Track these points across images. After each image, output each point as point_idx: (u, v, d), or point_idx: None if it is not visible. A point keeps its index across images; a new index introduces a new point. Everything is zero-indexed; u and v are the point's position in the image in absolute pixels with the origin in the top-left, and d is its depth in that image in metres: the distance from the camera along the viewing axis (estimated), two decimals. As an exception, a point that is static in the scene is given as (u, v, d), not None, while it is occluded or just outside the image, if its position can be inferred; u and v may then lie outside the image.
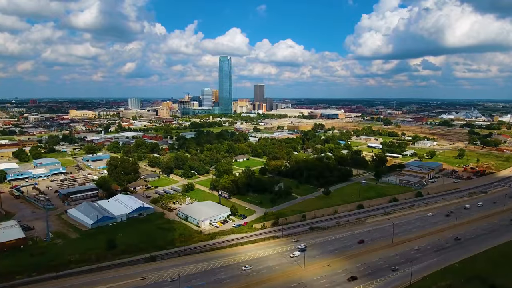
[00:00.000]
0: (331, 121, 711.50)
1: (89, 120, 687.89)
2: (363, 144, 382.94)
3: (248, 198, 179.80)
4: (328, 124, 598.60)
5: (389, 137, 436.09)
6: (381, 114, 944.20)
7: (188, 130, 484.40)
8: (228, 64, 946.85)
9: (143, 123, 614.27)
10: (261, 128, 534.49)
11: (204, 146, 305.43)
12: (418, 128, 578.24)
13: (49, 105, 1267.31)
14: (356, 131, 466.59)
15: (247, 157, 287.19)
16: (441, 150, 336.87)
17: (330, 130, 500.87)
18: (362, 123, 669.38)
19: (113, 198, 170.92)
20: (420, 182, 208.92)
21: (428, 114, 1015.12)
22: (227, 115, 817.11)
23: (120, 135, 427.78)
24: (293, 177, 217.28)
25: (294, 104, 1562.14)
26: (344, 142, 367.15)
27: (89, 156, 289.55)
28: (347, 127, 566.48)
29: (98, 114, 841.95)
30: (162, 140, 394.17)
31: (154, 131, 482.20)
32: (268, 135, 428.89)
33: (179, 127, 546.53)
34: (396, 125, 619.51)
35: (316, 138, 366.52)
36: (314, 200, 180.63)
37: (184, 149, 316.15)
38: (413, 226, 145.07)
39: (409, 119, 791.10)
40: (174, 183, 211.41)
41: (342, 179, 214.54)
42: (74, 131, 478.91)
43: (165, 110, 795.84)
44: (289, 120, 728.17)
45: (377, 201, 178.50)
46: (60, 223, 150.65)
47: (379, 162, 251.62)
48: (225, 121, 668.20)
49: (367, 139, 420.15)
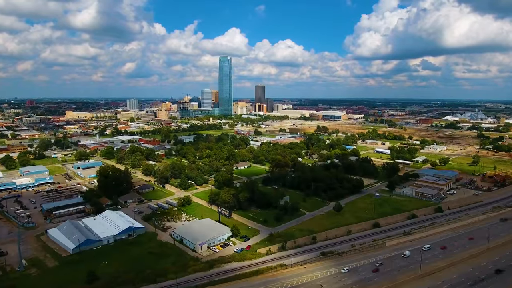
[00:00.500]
0: (333, 123, 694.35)
1: (85, 122, 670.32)
2: (369, 149, 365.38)
3: (251, 215, 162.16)
4: (331, 126, 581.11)
5: (395, 141, 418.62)
6: (384, 116, 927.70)
7: (187, 133, 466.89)
8: (228, 64, 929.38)
9: (141, 125, 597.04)
10: (262, 131, 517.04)
11: (203, 152, 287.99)
12: (424, 131, 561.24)
13: (46, 106, 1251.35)
14: (361, 134, 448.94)
15: (248, 164, 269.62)
16: (453, 156, 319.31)
17: (334, 133, 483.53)
18: (365, 125, 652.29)
19: (101, 215, 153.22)
20: (438, 195, 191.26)
21: (431, 115, 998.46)
22: (227, 117, 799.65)
23: (116, 138, 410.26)
24: (299, 188, 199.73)
25: (295, 105, 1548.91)
26: (351, 147, 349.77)
27: (80, 163, 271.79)
28: (351, 129, 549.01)
29: (95, 116, 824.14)
30: (159, 145, 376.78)
31: (152, 135, 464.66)
32: (270, 139, 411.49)
33: (178, 130, 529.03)
34: (401, 127, 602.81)
35: (321, 143, 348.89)
36: (324, 217, 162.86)
37: (181, 155, 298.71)
38: (439, 250, 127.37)
39: (414, 121, 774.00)
40: (169, 195, 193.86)
41: (352, 191, 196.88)
42: (68, 134, 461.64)
43: (164, 112, 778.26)
44: (290, 122, 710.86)
45: (394, 218, 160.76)
46: (39, 246, 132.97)
47: (391, 171, 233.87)
48: (225, 123, 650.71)
49: (373, 143, 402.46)
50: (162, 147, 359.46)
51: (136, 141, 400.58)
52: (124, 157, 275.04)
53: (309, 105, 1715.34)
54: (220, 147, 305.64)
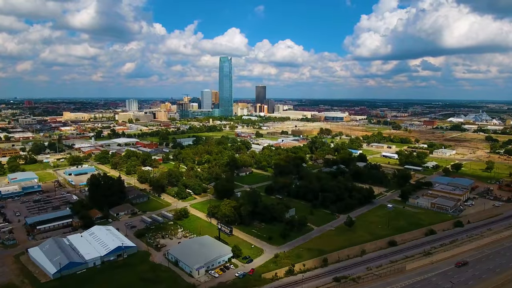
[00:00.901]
0: (336, 124, 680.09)
1: (82, 123, 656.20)
2: (375, 153, 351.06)
3: (254, 230, 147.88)
4: (334, 128, 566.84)
5: (402, 144, 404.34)
6: (387, 117, 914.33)
7: (186, 136, 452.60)
8: (228, 64, 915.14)
9: (139, 127, 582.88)
10: (263, 133, 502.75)
11: (202, 157, 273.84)
12: (430, 133, 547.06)
13: (45, 106, 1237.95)
14: (366, 137, 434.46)
15: (250, 171, 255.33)
16: (464, 161, 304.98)
17: (338, 135, 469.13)
18: (369, 127, 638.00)
19: (89, 231, 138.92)
20: (456, 207, 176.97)
21: (434, 116, 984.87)
22: (227, 118, 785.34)
23: (112, 141, 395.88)
24: (305, 198, 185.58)
25: (296, 106, 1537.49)
26: (356, 151, 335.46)
27: (73, 169, 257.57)
28: (355, 131, 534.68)
29: (93, 117, 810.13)
30: (156, 148, 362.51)
31: (150, 137, 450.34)
32: (271, 142, 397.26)
33: (177, 132, 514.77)
34: (406, 129, 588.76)
35: (325, 147, 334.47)
36: (334, 233, 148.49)
37: (179, 160, 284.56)
38: (466, 275, 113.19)
39: (417, 122, 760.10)
40: (165, 207, 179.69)
41: (363, 201, 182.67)
42: (63, 136, 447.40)
43: (163, 113, 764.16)
44: (292, 124, 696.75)
45: (411, 234, 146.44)
46: (17, 268, 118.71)
47: (403, 179, 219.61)
48: (225, 125, 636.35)
49: (379, 146, 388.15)
50: (159, 151, 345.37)
51: (133, 144, 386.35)
52: (119, 163, 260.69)
53: (310, 105, 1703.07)
54: (220, 151, 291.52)
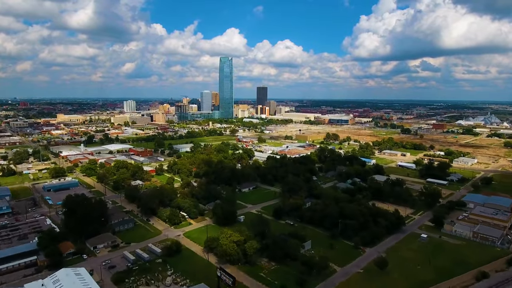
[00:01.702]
0: (341, 128, 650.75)
1: (76, 127, 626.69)
2: (389, 162, 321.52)
3: (262, 274, 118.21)
4: (340, 132, 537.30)
5: (416, 151, 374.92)
6: (392, 119, 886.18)
7: (184, 141, 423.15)
8: (229, 65, 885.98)
9: (135, 130, 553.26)
10: (266, 138, 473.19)
11: (200, 169, 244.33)
12: (441, 138, 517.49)
13: (41, 108, 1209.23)
14: (376, 143, 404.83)
15: (254, 185, 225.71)
16: (490, 172, 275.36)
17: (346, 141, 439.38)
18: (376, 130, 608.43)
19: (52, 277, 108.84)
20: (503, 237, 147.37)
21: (441, 119, 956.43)
22: (228, 121, 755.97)
23: (103, 148, 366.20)
24: (321, 225, 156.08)
25: (298, 107, 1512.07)
26: (370, 160, 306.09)
27: (54, 182, 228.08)
28: (363, 136, 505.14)
29: (88, 119, 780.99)
30: (151, 156, 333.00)
31: (145, 143, 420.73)
32: (275, 148, 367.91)
33: (174, 136, 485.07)
34: (416, 133, 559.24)
35: (335, 156, 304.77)
36: (363, 277, 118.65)
37: (174, 171, 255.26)
38: None
39: (425, 125, 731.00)
40: (154, 236, 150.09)
41: (390, 229, 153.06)
42: (52, 142, 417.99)
43: (161, 115, 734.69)
44: (295, 127, 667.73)
45: (459, 280, 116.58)
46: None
47: (431, 197, 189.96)
48: (226, 128, 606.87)
49: (392, 154, 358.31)
50: (154, 159, 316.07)
51: (126, 151, 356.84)
52: (106, 176, 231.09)
53: (311, 106, 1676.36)
54: (220, 161, 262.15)
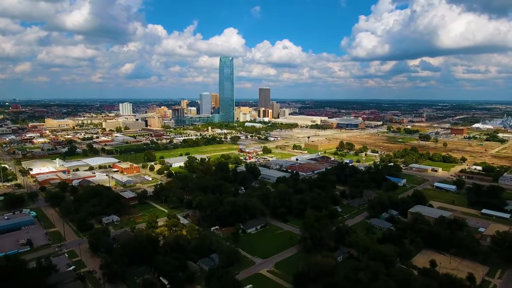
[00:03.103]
0: (352, 133, 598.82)
1: (64, 133, 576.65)
2: (420, 181, 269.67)
3: None
4: (353, 139, 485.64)
5: (447, 165, 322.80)
6: (403, 123, 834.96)
7: (178, 153, 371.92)
8: (229, 65, 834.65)
9: (126, 138, 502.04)
10: (272, 147, 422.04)
11: (194, 198, 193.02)
12: (466, 145, 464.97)
13: (33, 111, 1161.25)
14: (398, 154, 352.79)
15: (262, 223, 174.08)
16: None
17: (362, 151, 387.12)
18: (391, 137, 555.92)
19: None
20: None
21: (455, 121, 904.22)
22: (228, 125, 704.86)
23: (84, 162, 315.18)
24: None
25: (301, 108, 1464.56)
26: (399, 180, 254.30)
27: (7, 217, 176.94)
28: (380, 144, 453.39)
29: (80, 123, 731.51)
30: (137, 174, 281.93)
31: (134, 154, 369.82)
32: (284, 162, 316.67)
33: (168, 146, 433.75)
34: (436, 140, 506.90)
35: (358, 175, 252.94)
36: None
37: (161, 200, 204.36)
38: None
39: (441, 129, 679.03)
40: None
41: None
42: (28, 153, 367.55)
43: (157, 119, 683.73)
44: (301, 132, 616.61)
45: None
46: None
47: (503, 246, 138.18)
48: (227, 135, 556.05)
49: (421, 170, 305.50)
50: (140, 179, 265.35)
51: (110, 166, 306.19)
52: (71, 210, 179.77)
53: (314, 107, 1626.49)
54: (219, 186, 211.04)
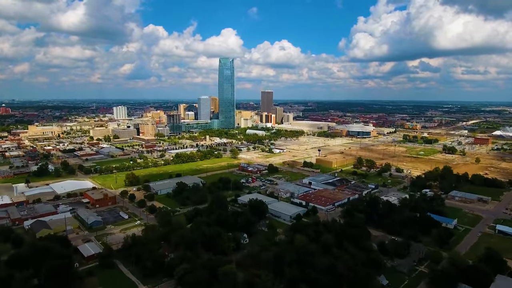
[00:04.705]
0: (365, 144, 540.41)
1: (46, 142, 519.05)
2: (473, 220, 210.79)
3: None
4: (366, 150, 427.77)
5: (495, 191, 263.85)
6: (417, 129, 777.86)
7: (168, 174, 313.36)
8: (230, 67, 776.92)
9: (112, 150, 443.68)
10: (277, 163, 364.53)
11: (177, 265, 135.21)
12: (501, 162, 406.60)
13: (23, 114, 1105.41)
14: (431, 175, 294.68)
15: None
16: None
17: (386, 171, 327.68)
18: (409, 147, 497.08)
19: None
20: None
21: (471, 127, 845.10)
22: (228, 133, 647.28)
23: (50, 189, 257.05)
24: None
25: (304, 111, 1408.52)
26: (448, 221, 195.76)
27: None
28: (401, 159, 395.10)
29: (69, 129, 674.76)
30: (113, 207, 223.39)
31: (117, 173, 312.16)
32: (295, 189, 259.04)
33: (159, 161, 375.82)
34: (462, 152, 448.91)
35: (396, 214, 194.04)
36: None
37: (134, 259, 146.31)
38: None
39: (461, 137, 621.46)
40: None
41: None
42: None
43: (150, 126, 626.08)
44: (309, 141, 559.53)
45: None
46: None
47: None
48: (226, 145, 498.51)
49: (467, 200, 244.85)
50: (114, 216, 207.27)
51: (81, 193, 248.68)
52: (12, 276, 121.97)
53: (318, 110, 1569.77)
54: (214, 237, 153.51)
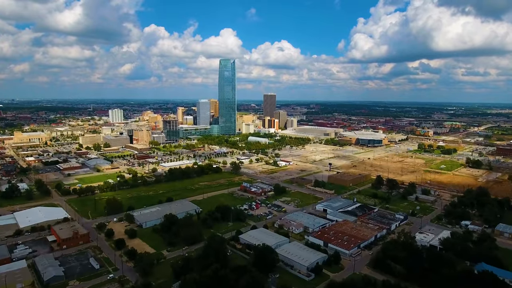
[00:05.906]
0: (377, 153, 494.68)
1: (29, 152, 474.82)
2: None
3: None
4: (380, 161, 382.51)
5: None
6: (429, 136, 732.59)
7: (157, 199, 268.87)
8: (230, 68, 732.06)
9: (100, 163, 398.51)
10: (285, 179, 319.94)
11: None
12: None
13: (15, 116, 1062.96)
14: (469, 201, 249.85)
15: None
16: None
17: (410, 192, 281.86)
18: (428, 159, 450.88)
19: None
20: None
21: (485, 133, 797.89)
22: (229, 140, 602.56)
23: (13, 220, 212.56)
24: None
25: (307, 114, 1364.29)
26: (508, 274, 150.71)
27: None
28: (424, 176, 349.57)
29: (56, 136, 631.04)
30: (85, 248, 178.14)
31: (99, 194, 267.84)
32: (309, 223, 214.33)
33: (148, 179, 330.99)
34: (489, 166, 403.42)
35: (446, 270, 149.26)
36: None
37: None
38: None
39: (481, 147, 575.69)
40: None
41: None
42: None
43: (145, 133, 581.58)
44: (316, 150, 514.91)
45: None
46: None
47: None
48: (227, 156, 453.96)
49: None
50: (79, 268, 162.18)
51: (48, 227, 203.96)
52: None
53: (321, 112, 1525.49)
54: None
